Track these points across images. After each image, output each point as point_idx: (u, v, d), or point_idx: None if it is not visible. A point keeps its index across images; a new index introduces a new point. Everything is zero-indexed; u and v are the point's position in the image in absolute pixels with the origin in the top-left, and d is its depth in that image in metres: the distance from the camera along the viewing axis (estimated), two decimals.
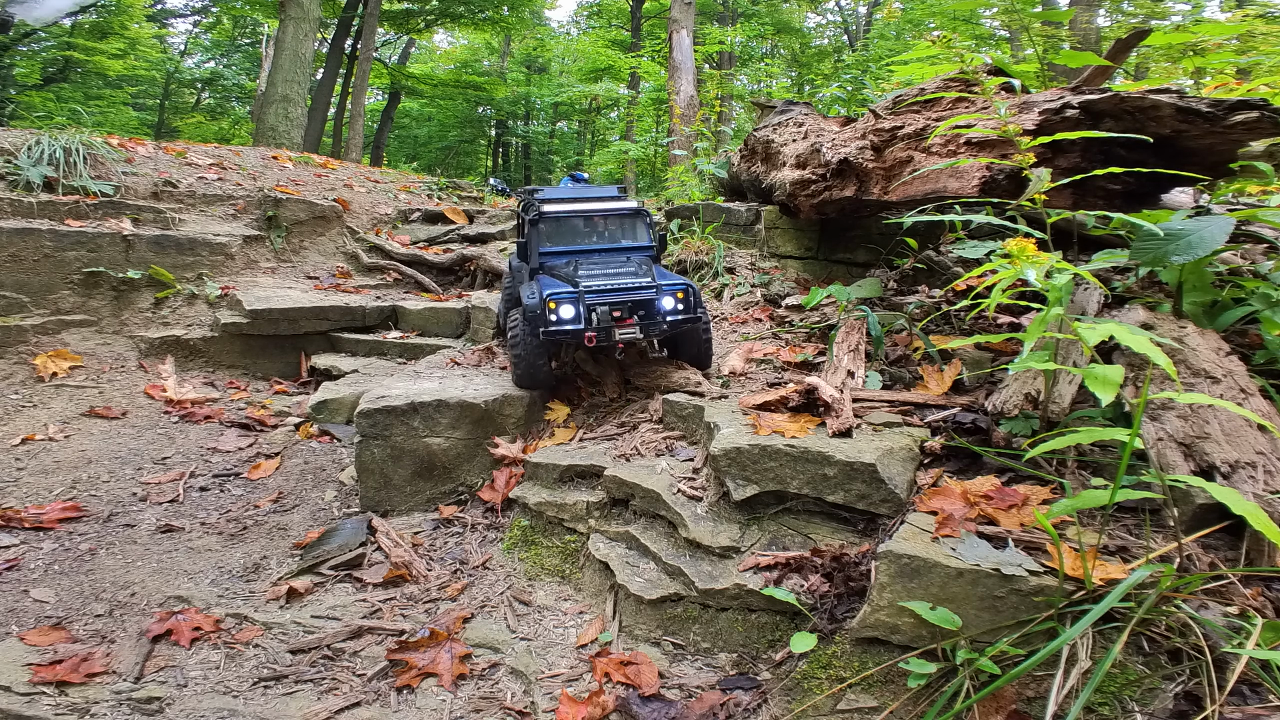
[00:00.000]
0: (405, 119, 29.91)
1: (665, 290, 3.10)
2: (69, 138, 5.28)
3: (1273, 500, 1.68)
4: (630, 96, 23.32)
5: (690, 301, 3.12)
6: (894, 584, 1.80)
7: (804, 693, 1.87)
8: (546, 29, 31.68)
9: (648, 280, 3.12)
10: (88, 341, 4.54)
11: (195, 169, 6.14)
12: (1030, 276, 1.70)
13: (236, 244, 5.34)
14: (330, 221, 6.12)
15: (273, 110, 11.75)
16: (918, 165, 2.87)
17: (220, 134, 24.94)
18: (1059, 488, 2.00)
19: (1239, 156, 2.34)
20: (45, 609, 2.50)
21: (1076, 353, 2.26)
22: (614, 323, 3.03)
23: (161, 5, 25.33)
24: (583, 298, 3.02)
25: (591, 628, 2.36)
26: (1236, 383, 2.00)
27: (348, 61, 19.56)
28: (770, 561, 2.19)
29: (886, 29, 19.04)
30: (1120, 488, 1.55)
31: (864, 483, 2.18)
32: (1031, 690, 1.59)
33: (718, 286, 4.45)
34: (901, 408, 2.60)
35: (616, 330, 3.03)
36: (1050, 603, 1.63)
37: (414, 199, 7.49)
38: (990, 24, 14.86)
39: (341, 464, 3.60)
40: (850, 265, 4.34)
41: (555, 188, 4.07)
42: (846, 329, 3.12)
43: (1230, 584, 1.60)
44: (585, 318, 3.02)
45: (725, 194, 5.87)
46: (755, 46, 26.98)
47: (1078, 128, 2.22)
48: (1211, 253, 2.07)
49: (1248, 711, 1.37)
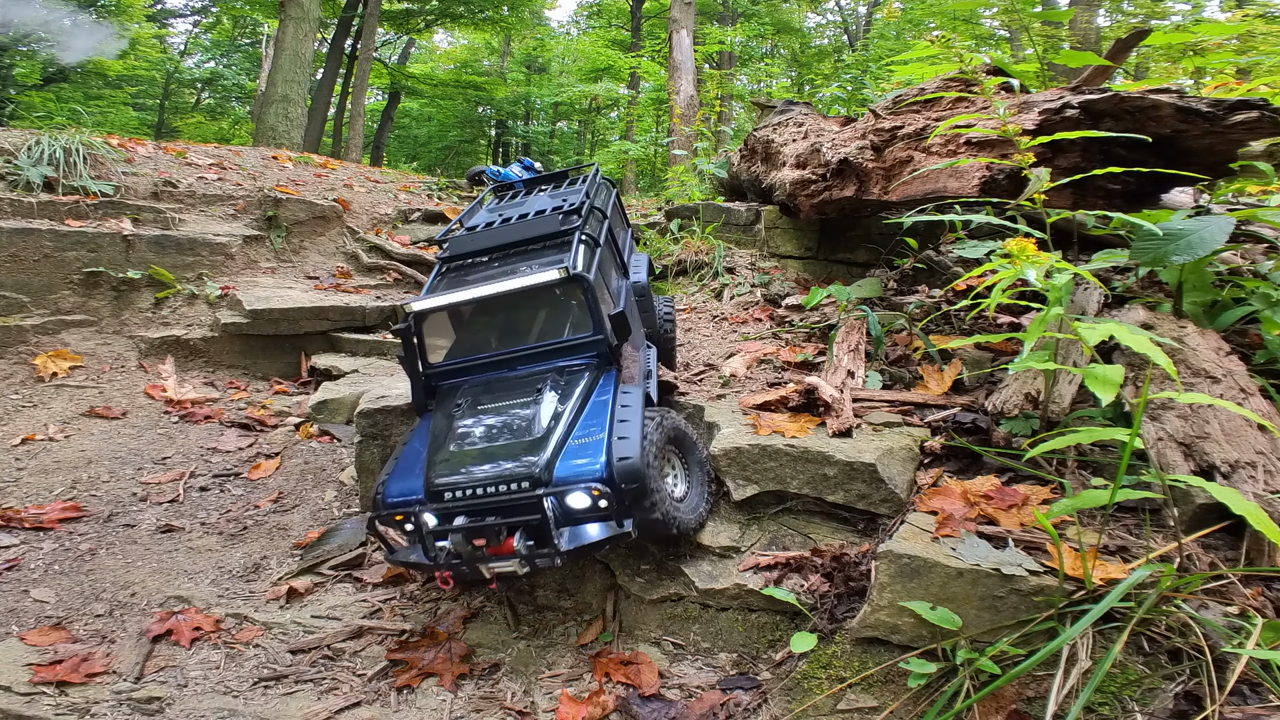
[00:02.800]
0: (405, 119, 29.91)
1: (572, 479, 1.95)
2: (69, 138, 5.28)
3: (1273, 500, 1.68)
4: (630, 96, 23.32)
5: (618, 499, 1.93)
6: (894, 584, 1.80)
7: (804, 693, 1.87)
8: (546, 29, 31.69)
9: (539, 461, 1.98)
10: (88, 341, 4.53)
11: (195, 169, 6.14)
12: (1030, 276, 1.70)
13: (236, 244, 5.34)
14: (330, 221, 6.12)
15: (273, 110, 11.75)
16: (918, 165, 2.87)
17: (220, 134, 24.94)
18: (1059, 488, 2.00)
19: (1239, 156, 2.34)
20: (45, 609, 2.50)
21: (1076, 353, 2.26)
22: (476, 553, 1.95)
23: (161, 5, 25.33)
24: (420, 515, 2.01)
25: (591, 628, 2.36)
26: (1236, 382, 2.00)
27: (348, 61, 19.56)
28: (770, 561, 2.19)
29: (886, 29, 19.03)
30: (1120, 488, 1.55)
31: (864, 483, 2.18)
32: (1031, 690, 1.59)
33: (718, 286, 4.45)
34: (901, 408, 2.60)
35: (483, 567, 1.98)
36: (1050, 603, 1.63)
37: (414, 199, 7.49)
38: (990, 24, 14.86)
39: (341, 464, 3.60)
40: (850, 265, 4.33)
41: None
42: (846, 329, 3.12)
43: (1230, 584, 1.60)
44: (430, 546, 1.99)
45: (725, 194, 5.87)
46: (755, 46, 26.98)
47: (1078, 128, 2.22)
48: (1211, 253, 2.07)
49: (1248, 711, 1.37)
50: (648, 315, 2.97)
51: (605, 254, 2.72)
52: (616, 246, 3.02)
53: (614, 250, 2.97)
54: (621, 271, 3.02)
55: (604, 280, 2.58)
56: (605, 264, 2.70)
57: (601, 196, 3.21)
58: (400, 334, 2.45)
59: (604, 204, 3.14)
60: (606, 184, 3.47)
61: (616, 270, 2.93)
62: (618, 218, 3.42)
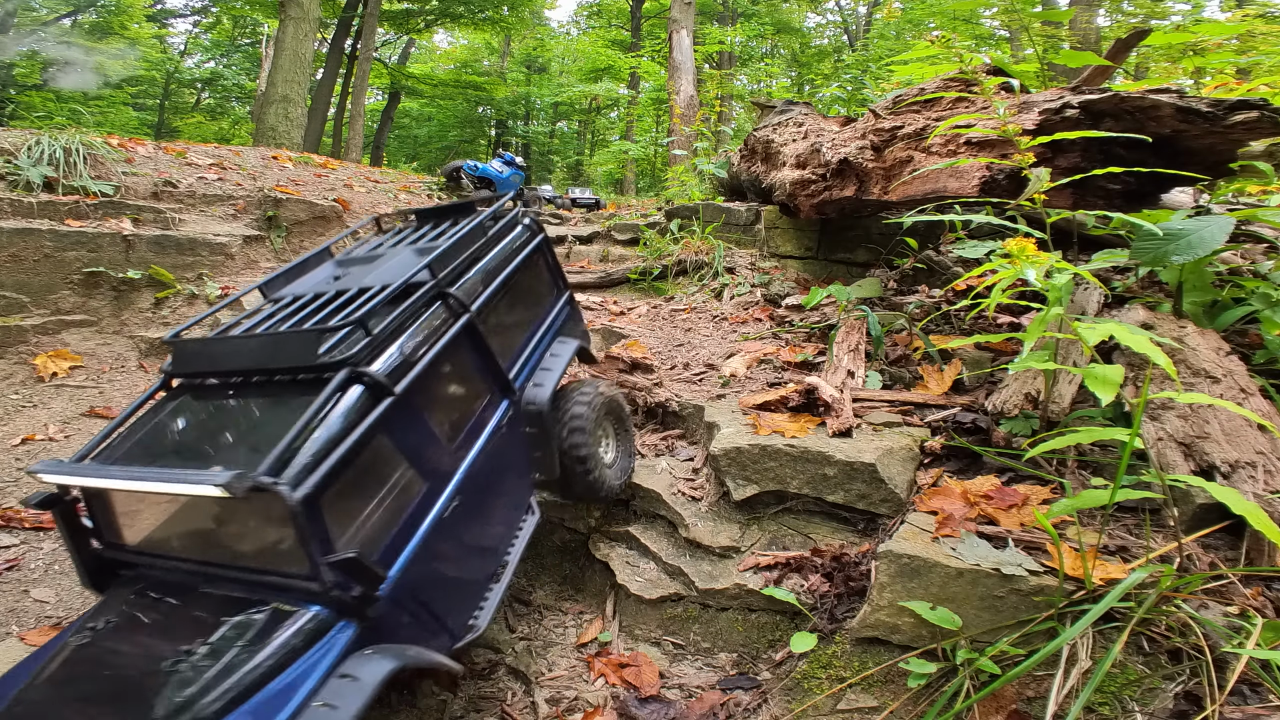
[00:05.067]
0: (405, 119, 29.92)
1: None
2: (69, 138, 5.28)
3: (1273, 500, 1.68)
4: (630, 96, 23.34)
5: None
6: (894, 584, 1.80)
7: (804, 692, 1.87)
8: (546, 29, 31.69)
9: None
10: (88, 341, 4.53)
11: (195, 169, 6.14)
12: (1030, 276, 1.70)
13: (236, 244, 5.34)
14: (330, 221, 6.12)
15: (273, 110, 11.75)
16: (918, 165, 2.86)
17: (220, 134, 24.95)
18: (1059, 487, 2.00)
19: (1239, 156, 2.34)
20: (45, 609, 2.50)
21: (1076, 353, 2.26)
22: None
23: (161, 5, 25.34)
24: None
25: (591, 627, 2.36)
26: (1236, 382, 2.00)
27: (348, 61, 19.56)
28: (770, 561, 2.19)
29: (886, 29, 19.03)
30: (1120, 487, 1.55)
31: (864, 482, 2.18)
32: (1031, 690, 1.59)
33: (718, 286, 4.45)
34: (901, 407, 2.60)
35: None
36: (1050, 602, 1.63)
37: (414, 199, 7.50)
38: (990, 24, 14.86)
39: None
40: (850, 265, 4.34)
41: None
42: (846, 329, 3.12)
43: (1230, 584, 1.60)
44: None
45: (725, 194, 5.87)
46: (755, 46, 26.98)
47: (1078, 127, 2.22)
48: (1211, 253, 2.07)
49: (1248, 711, 1.37)
50: (542, 455, 2.22)
51: (441, 389, 1.87)
52: (488, 358, 2.05)
53: (480, 366, 2.04)
54: (497, 390, 2.10)
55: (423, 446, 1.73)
56: (434, 409, 1.81)
57: (493, 255, 2.27)
58: (46, 507, 1.69)
59: (490, 270, 2.21)
60: (527, 228, 2.49)
61: (486, 392, 2.05)
62: (531, 286, 2.46)
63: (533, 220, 2.53)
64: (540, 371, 2.31)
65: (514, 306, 2.32)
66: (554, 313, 2.54)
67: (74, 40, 19.35)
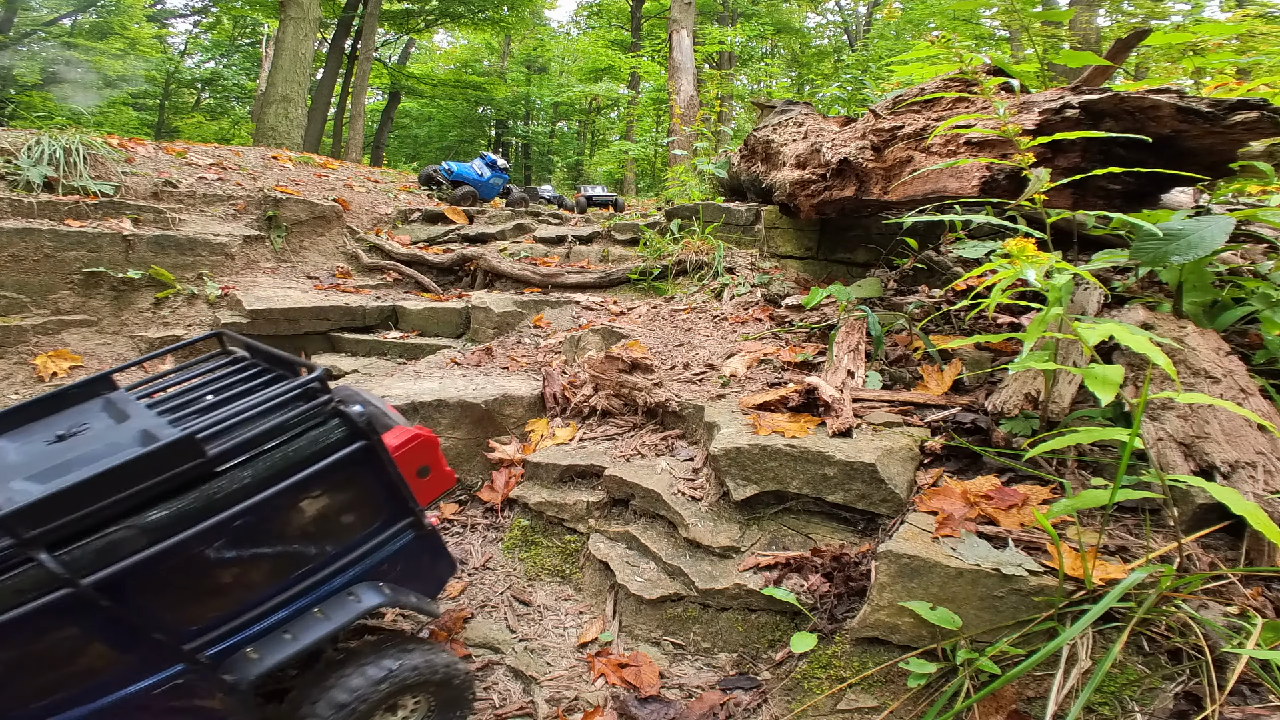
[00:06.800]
0: (405, 119, 29.94)
1: None
2: (69, 138, 5.28)
3: (1273, 500, 1.68)
4: (630, 96, 23.35)
5: None
6: (894, 584, 1.80)
7: (804, 693, 1.87)
8: (546, 29, 31.70)
9: None
10: (88, 341, 4.53)
11: (195, 169, 6.14)
12: (1030, 276, 1.70)
13: (236, 244, 5.34)
14: (330, 221, 6.12)
15: (273, 110, 11.75)
16: (918, 165, 2.87)
17: (220, 134, 24.96)
18: (1059, 488, 2.00)
19: (1239, 156, 2.34)
20: None
21: (1076, 353, 2.26)
22: None
23: (161, 5, 25.35)
24: None
25: (591, 628, 2.37)
26: (1236, 382, 2.00)
27: (348, 61, 19.57)
28: (770, 561, 2.19)
29: (886, 29, 19.04)
30: (1120, 488, 1.55)
31: (864, 482, 2.18)
32: (1031, 690, 1.59)
33: (718, 286, 4.45)
34: (901, 408, 2.60)
35: None
36: (1050, 603, 1.63)
37: (414, 199, 7.50)
38: (990, 24, 14.86)
39: None
40: (850, 265, 4.34)
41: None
42: (846, 329, 3.12)
43: (1230, 584, 1.60)
44: None
45: (725, 194, 5.88)
46: (755, 46, 27.00)
47: (1077, 128, 2.22)
48: (1211, 253, 2.07)
49: (1248, 711, 1.37)
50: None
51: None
52: (122, 621, 1.38)
53: (106, 632, 1.37)
54: (156, 655, 1.42)
55: None
56: None
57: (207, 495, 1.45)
58: None
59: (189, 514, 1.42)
60: (340, 429, 1.68)
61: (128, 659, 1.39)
62: (318, 513, 1.67)
63: (356, 420, 1.69)
64: (279, 632, 1.58)
65: (260, 540, 1.57)
66: (366, 549, 1.75)
67: (76, 56, 19.35)
